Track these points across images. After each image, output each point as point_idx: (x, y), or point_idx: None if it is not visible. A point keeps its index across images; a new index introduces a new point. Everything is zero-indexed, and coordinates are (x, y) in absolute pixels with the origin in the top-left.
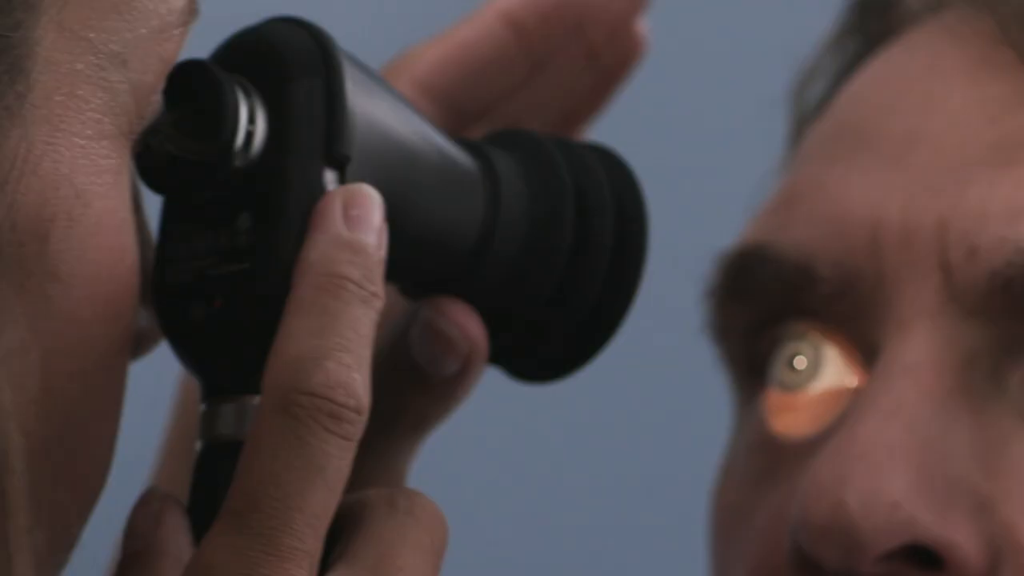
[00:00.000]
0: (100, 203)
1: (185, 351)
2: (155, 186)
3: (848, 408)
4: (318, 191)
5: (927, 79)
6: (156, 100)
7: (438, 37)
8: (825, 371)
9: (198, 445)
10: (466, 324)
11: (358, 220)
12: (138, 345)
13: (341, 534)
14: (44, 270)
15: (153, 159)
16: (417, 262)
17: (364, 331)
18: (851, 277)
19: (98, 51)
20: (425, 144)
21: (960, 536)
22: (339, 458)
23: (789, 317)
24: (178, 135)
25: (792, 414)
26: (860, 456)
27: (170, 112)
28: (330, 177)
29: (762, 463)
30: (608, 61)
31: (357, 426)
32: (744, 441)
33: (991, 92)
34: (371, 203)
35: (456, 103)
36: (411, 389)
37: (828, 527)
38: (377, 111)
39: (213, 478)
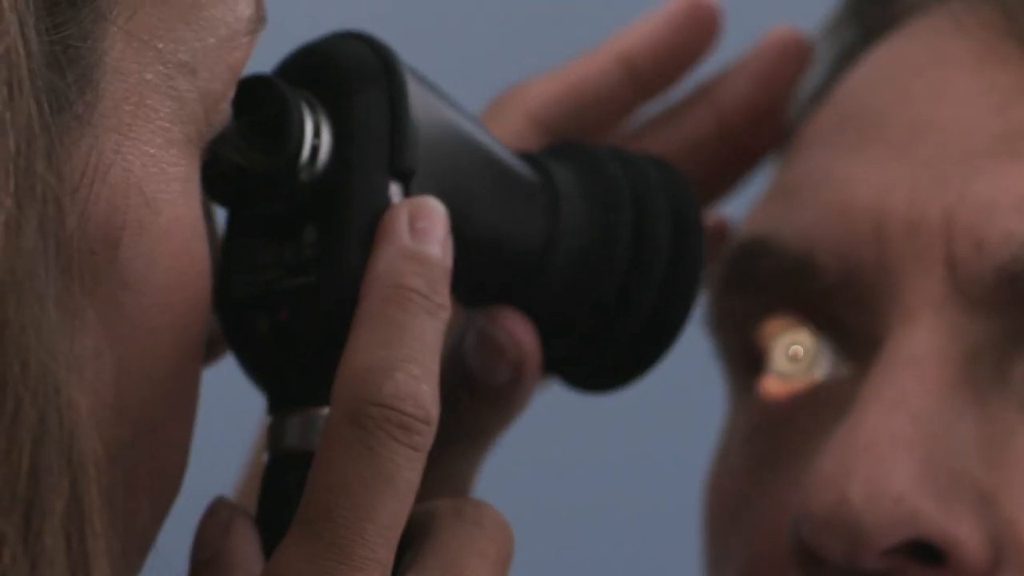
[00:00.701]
0: (170, 211)
1: (251, 363)
2: (221, 199)
3: (850, 399)
4: (383, 204)
5: (933, 69)
6: (225, 109)
7: (553, 71)
8: (824, 362)
9: (265, 457)
10: (517, 331)
11: (424, 232)
12: (210, 351)
13: (410, 544)
14: (115, 277)
15: (220, 170)
16: (477, 273)
17: (431, 342)
18: (854, 267)
19: (167, 60)
20: (487, 156)
21: (963, 531)
22: (409, 468)
23: (789, 307)
24: (245, 146)
25: (790, 403)
26: (864, 448)
27: (237, 122)
28: (395, 190)
29: (759, 451)
30: (744, 142)
31: (426, 437)
32: (740, 429)
33: (998, 82)
34: (436, 215)
35: (566, 138)
36: (467, 398)
37: (832, 520)
38: (439, 124)
39: (281, 489)
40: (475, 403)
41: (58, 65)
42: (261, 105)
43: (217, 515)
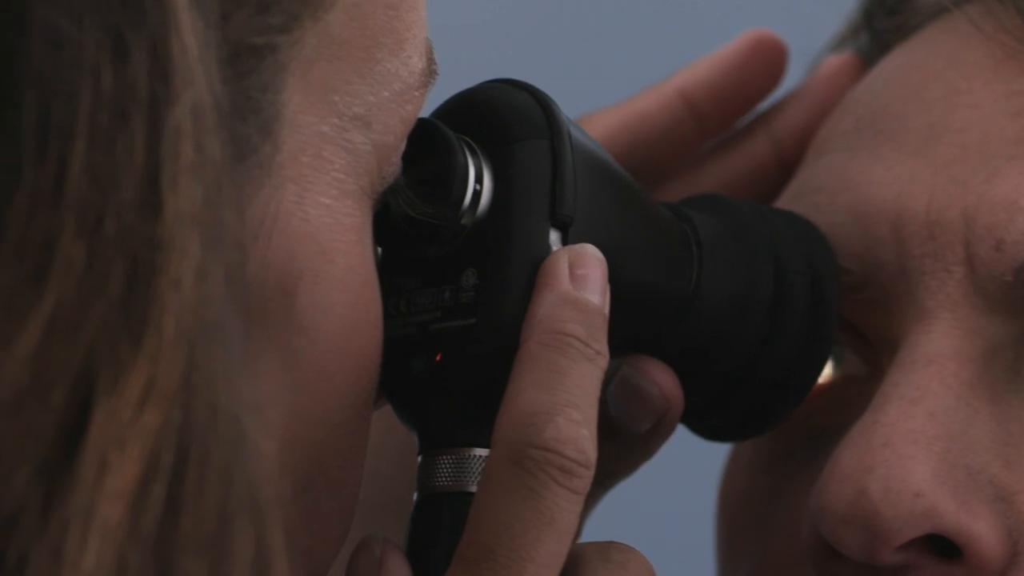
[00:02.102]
0: (344, 260)
1: (403, 403)
2: (379, 241)
3: (868, 398)
4: (544, 251)
5: (950, 73)
6: (396, 161)
7: (614, 105)
8: (843, 361)
9: (415, 496)
10: (664, 382)
11: (584, 279)
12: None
13: None
14: (290, 325)
15: (389, 217)
16: (624, 320)
17: (590, 388)
18: (873, 269)
19: (342, 113)
20: (638, 205)
21: (980, 527)
22: (568, 511)
23: None
24: (413, 195)
25: (807, 401)
26: (883, 444)
27: (405, 172)
28: (554, 237)
29: (775, 449)
30: (796, 161)
31: (585, 480)
32: None
33: (1016, 87)
34: (596, 263)
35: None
36: (606, 444)
37: (850, 514)
38: (596, 172)
39: (433, 527)
40: (612, 449)
41: (240, 115)
42: (424, 149)
43: (370, 550)
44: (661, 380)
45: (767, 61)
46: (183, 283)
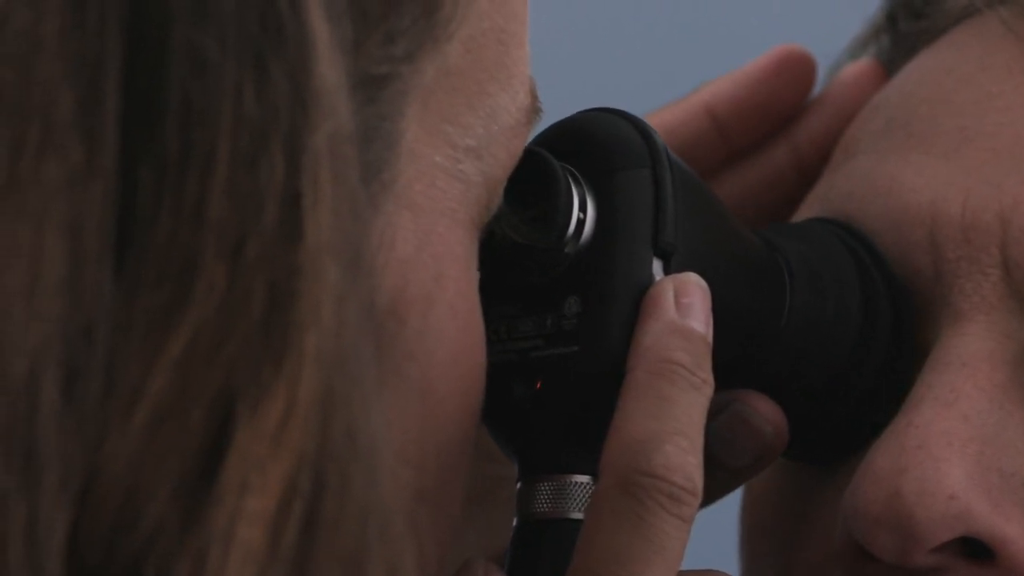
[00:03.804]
0: (454, 287)
1: (503, 430)
2: (481, 267)
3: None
4: (647, 280)
5: (981, 76)
6: (500, 192)
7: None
8: None
9: (515, 521)
10: (777, 420)
11: (689, 308)
12: None
13: None
14: (401, 350)
15: (493, 245)
16: (721, 348)
17: (696, 417)
18: (908, 274)
19: (456, 144)
20: (732, 234)
21: (1013, 530)
22: (676, 538)
23: None
24: (521, 223)
25: None
26: (917, 446)
27: (508, 200)
28: (656, 266)
29: None
30: (815, 170)
31: (693, 508)
32: None
33: None
34: (700, 291)
35: None
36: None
37: (884, 516)
38: (694, 201)
39: (533, 554)
40: (707, 481)
41: (365, 142)
42: (528, 177)
43: (474, 572)
44: (773, 417)
45: (794, 77)
46: (322, 308)
